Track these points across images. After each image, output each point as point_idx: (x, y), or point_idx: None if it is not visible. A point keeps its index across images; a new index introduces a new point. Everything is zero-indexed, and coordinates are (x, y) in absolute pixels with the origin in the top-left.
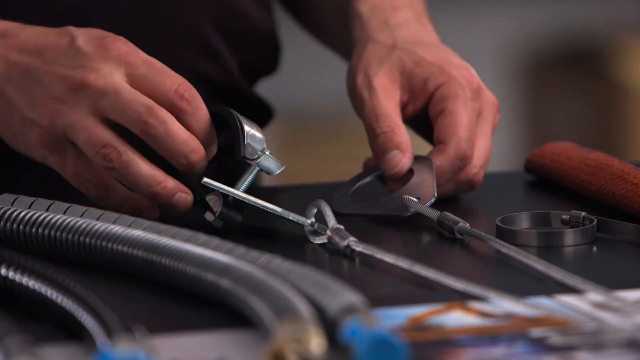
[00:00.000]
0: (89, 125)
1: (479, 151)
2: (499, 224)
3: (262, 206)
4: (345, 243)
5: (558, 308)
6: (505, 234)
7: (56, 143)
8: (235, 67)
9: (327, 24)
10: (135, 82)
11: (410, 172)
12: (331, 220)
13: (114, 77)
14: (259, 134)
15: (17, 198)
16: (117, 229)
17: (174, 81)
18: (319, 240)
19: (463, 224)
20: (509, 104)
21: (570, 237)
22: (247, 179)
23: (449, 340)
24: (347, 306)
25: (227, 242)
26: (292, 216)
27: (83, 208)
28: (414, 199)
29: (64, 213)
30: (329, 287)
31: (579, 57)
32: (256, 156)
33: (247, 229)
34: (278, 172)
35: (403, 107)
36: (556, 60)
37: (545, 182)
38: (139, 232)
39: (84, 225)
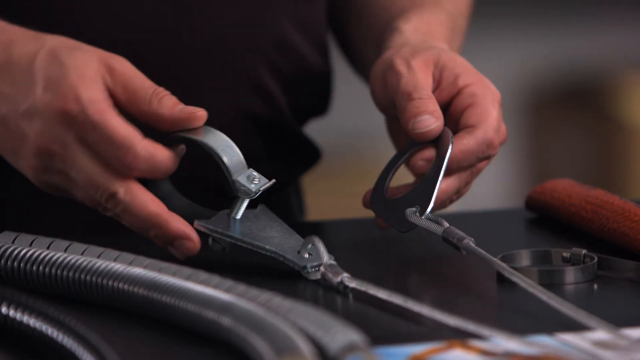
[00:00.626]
0: (70, 188)
1: None
2: (499, 261)
3: (256, 247)
4: (338, 279)
5: (559, 346)
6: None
7: (52, 189)
8: (287, 107)
9: (368, 56)
10: (87, 146)
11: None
12: (324, 256)
13: (56, 144)
14: (237, 158)
15: (17, 236)
16: (117, 266)
17: (117, 152)
18: (312, 276)
19: (468, 240)
20: (510, 141)
21: (571, 275)
22: (242, 207)
23: None
24: (348, 345)
25: (227, 280)
26: (285, 258)
27: (84, 246)
28: (415, 210)
29: (65, 251)
30: (329, 325)
31: (579, 95)
32: (252, 194)
33: (242, 264)
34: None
35: None
36: (557, 97)
37: (545, 220)
38: (140, 269)
39: (84, 263)
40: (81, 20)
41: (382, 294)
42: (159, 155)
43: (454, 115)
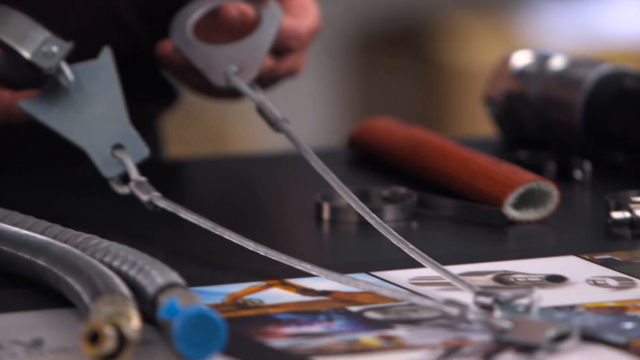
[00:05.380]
0: None
1: None
2: (318, 200)
3: (70, 141)
4: (147, 198)
5: (377, 284)
6: (326, 210)
7: None
8: (145, 40)
9: None
10: None
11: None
12: (133, 172)
13: None
14: (29, 36)
15: None
16: None
17: None
18: (122, 190)
19: (284, 121)
20: (334, 81)
21: (390, 213)
22: (56, 81)
23: (268, 316)
24: (165, 285)
25: (43, 222)
26: (94, 162)
27: None
28: (236, 70)
29: None
30: (146, 266)
31: (402, 37)
32: (49, 71)
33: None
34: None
35: None
36: (381, 38)
37: (367, 159)
38: None
39: None
40: None
41: (191, 217)
42: None
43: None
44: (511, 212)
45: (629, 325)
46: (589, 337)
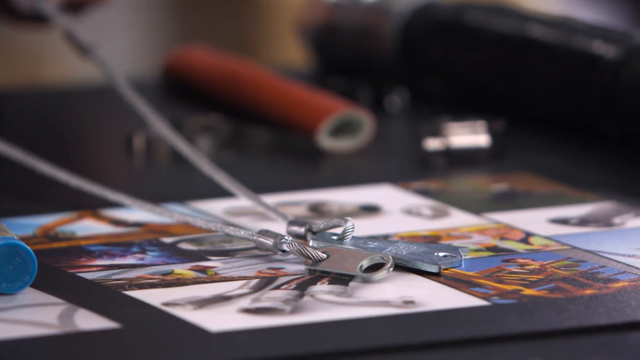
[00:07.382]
0: None
1: None
2: (130, 131)
3: None
4: None
5: (191, 214)
6: (137, 141)
7: None
8: None
9: None
10: None
11: None
12: None
13: None
14: None
15: None
16: None
17: None
18: None
19: (96, 49)
20: (148, 10)
21: (203, 143)
22: None
23: (81, 248)
24: None
25: None
26: None
27: None
28: None
29: None
30: None
31: None
32: None
33: None
34: None
35: None
36: None
37: (182, 89)
38: None
39: None
40: None
41: (0, 147)
42: None
43: None
44: (325, 142)
45: (441, 254)
46: (403, 267)
